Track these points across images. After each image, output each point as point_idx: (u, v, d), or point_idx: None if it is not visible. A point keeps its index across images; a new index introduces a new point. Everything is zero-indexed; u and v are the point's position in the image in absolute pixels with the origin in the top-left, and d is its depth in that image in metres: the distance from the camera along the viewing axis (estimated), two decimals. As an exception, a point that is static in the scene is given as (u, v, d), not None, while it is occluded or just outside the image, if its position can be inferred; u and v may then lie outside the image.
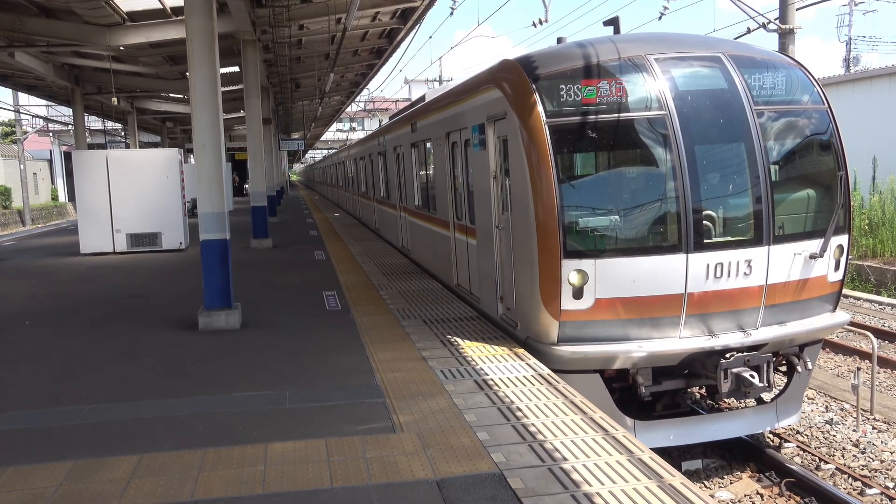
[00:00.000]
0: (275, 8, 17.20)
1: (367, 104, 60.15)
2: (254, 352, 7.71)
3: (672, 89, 6.76)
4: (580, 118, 6.66)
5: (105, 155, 17.45)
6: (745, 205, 6.81)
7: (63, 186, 52.87)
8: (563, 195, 6.57)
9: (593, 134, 6.69)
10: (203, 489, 4.43)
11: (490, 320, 8.46)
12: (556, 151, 6.60)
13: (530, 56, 7.28)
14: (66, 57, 21.72)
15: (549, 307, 6.67)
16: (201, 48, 8.90)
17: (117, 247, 17.19)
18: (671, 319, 6.64)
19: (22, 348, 8.32)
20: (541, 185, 6.63)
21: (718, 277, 6.61)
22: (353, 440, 5.10)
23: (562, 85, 6.70)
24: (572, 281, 6.52)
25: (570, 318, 6.62)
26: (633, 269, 6.53)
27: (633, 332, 6.63)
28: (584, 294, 6.54)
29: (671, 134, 6.63)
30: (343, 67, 28.52)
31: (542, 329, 6.82)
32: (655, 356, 6.62)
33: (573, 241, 6.58)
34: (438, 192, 11.03)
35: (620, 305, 6.58)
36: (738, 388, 6.64)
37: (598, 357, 6.60)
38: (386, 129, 16.95)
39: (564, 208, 6.56)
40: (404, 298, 10.12)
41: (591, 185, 6.99)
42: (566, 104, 6.68)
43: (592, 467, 4.52)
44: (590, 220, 6.70)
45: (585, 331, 6.65)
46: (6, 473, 4.75)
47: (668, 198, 6.65)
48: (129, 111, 31.59)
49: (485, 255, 8.53)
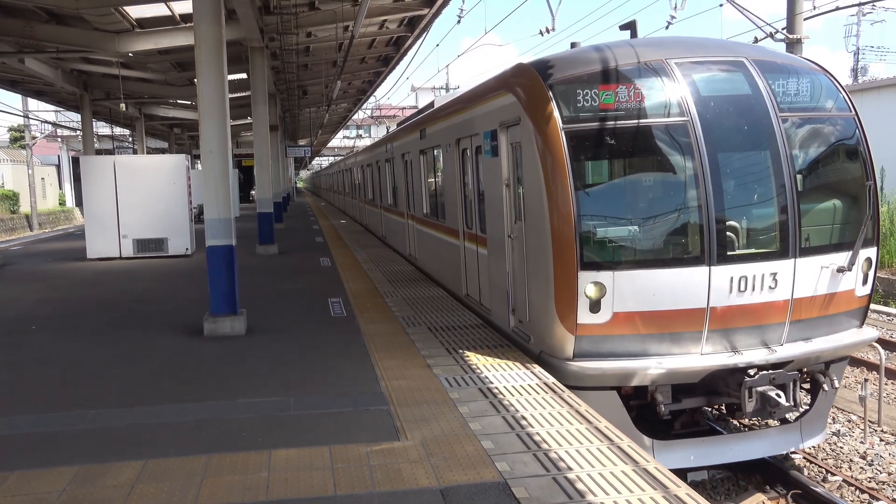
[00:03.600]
0: (283, 15, 17.30)
1: (374, 111, 60.31)
2: (258, 358, 7.71)
3: (694, 95, 6.51)
4: (598, 124, 6.43)
5: (112, 160, 17.53)
6: (770, 215, 6.54)
7: (71, 191, 53.12)
8: (580, 204, 6.32)
9: (611, 140, 6.46)
10: (207, 495, 4.42)
11: (501, 333, 8.20)
12: (572, 158, 6.35)
13: (545, 60, 7.03)
14: (75, 63, 21.86)
15: (564, 321, 6.41)
16: (209, 55, 8.94)
17: (124, 252, 17.25)
18: (692, 335, 6.37)
19: (28, 352, 8.33)
20: (556, 193, 6.39)
21: (742, 291, 6.34)
22: (358, 447, 5.09)
23: (578, 90, 6.46)
24: (589, 294, 6.26)
25: (587, 332, 6.36)
26: (653, 282, 6.27)
27: (653, 348, 6.37)
28: (601, 307, 6.28)
29: (693, 141, 6.39)
30: (350, 75, 28.62)
31: (557, 343, 6.57)
32: (676, 373, 6.33)
33: (590, 252, 6.32)
34: (448, 200, 10.81)
35: (639, 320, 6.32)
36: (764, 407, 6.35)
37: (616, 373, 6.33)
38: (394, 135, 16.77)
39: (581, 217, 6.30)
40: (410, 306, 10.11)
41: (609, 193, 6.71)
42: (583, 110, 6.44)
43: (597, 477, 4.49)
44: (608, 231, 6.44)
45: (602, 346, 6.39)
46: (11, 478, 4.75)
47: (689, 207, 6.40)
48: (137, 117, 31.75)
49: (496, 266, 8.29)
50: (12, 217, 39.35)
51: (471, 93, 9.59)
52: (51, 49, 17.77)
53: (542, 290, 6.70)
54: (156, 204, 17.16)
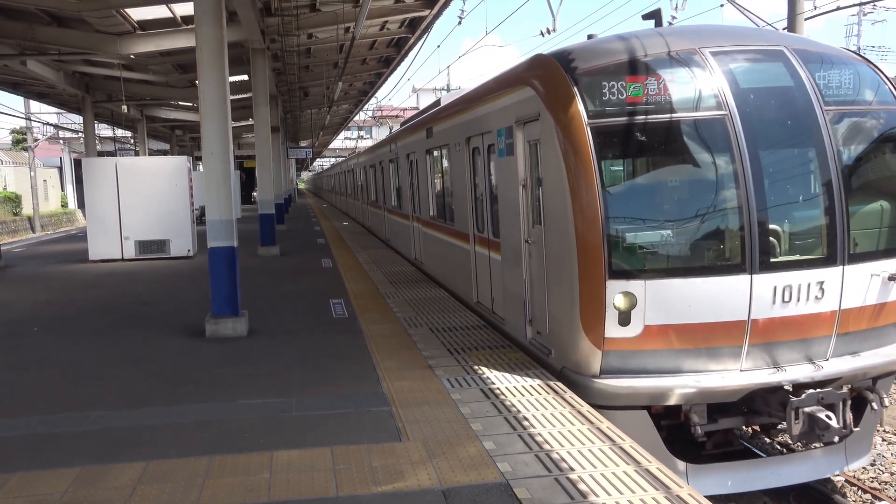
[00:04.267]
0: (284, 17, 17.31)
1: (376, 112, 60.34)
2: (260, 359, 7.71)
3: (732, 86, 6.00)
4: (626, 119, 5.93)
5: (114, 162, 17.56)
6: (815, 218, 6.03)
7: (73, 193, 53.18)
8: (608, 206, 5.81)
9: (642, 137, 5.96)
10: (208, 496, 4.43)
11: (517, 344, 7.71)
12: (599, 156, 5.87)
13: (567, 51, 6.52)
14: (76, 65, 21.89)
15: (590, 334, 5.92)
16: (210, 57, 8.95)
17: (126, 254, 17.27)
18: (731, 350, 5.86)
19: (30, 354, 8.34)
20: (582, 194, 5.89)
21: (786, 302, 5.83)
22: (359, 448, 5.09)
23: (604, 82, 5.95)
24: (618, 305, 5.78)
25: (615, 346, 5.87)
26: (688, 292, 5.77)
27: (687, 364, 5.88)
28: (631, 320, 5.79)
29: (732, 137, 5.88)
30: (351, 76, 28.64)
31: (582, 359, 6.07)
32: (714, 392, 5.83)
33: (619, 258, 5.82)
34: (457, 202, 10.31)
35: (673, 333, 5.83)
36: (812, 430, 5.74)
37: (648, 392, 5.84)
38: (398, 135, 16.28)
39: (609, 221, 5.80)
40: (411, 307, 10.11)
41: (640, 194, 6.20)
42: (609, 103, 5.94)
43: (599, 477, 4.49)
44: (638, 235, 5.92)
45: (632, 362, 5.89)
46: (12, 480, 4.76)
47: (729, 210, 5.91)
48: (139, 119, 31.78)
49: (511, 273, 7.79)
50: (14, 219, 39.41)
51: (482, 88, 9.08)
52: (52, 51, 17.80)
53: (565, 301, 6.24)
54: (157, 206, 17.18)
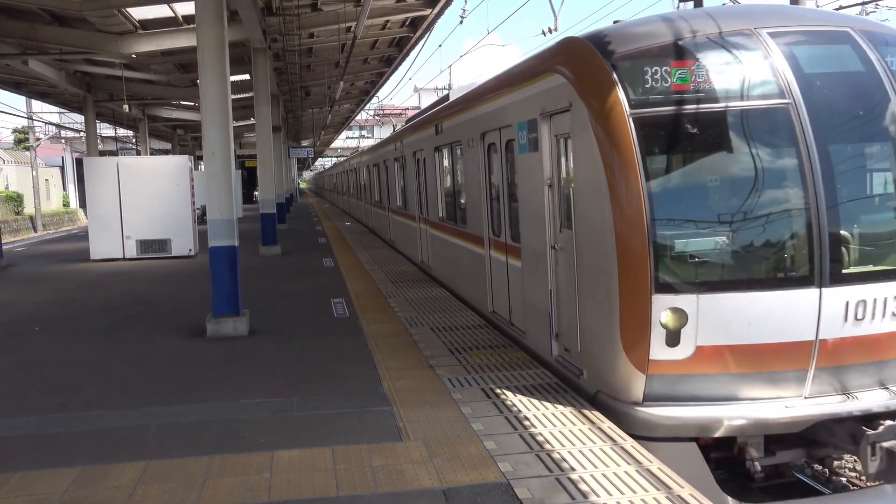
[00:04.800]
0: (285, 16, 17.31)
1: (377, 112, 60.36)
2: (261, 359, 7.71)
3: (795, 72, 5.30)
4: (674, 108, 5.26)
5: (116, 162, 17.59)
6: (893, 223, 5.39)
7: (74, 193, 53.21)
8: (655, 208, 5.13)
9: (693, 129, 5.28)
10: (209, 496, 4.42)
11: (539, 360, 7.04)
12: (643, 151, 5.20)
13: (602, 33, 5.82)
14: (78, 64, 21.92)
15: (632, 355, 5.24)
16: (212, 56, 8.95)
17: (127, 253, 17.29)
18: (795, 374, 5.17)
19: (30, 354, 8.34)
20: (623, 194, 5.22)
21: (860, 319, 5.14)
22: (360, 448, 5.08)
23: (646, 67, 5.27)
24: (666, 323, 5.09)
25: (662, 370, 5.19)
26: (748, 308, 5.09)
27: (744, 390, 5.18)
28: (680, 340, 5.11)
29: (798, 129, 5.20)
30: (353, 75, 28.66)
31: (621, 383, 5.38)
32: (775, 423, 5.14)
33: (667, 269, 5.14)
34: (470, 203, 9.63)
35: (730, 355, 5.15)
36: (891, 467, 5.03)
37: (699, 423, 5.15)
38: (404, 132, 15.53)
39: (656, 225, 5.12)
40: (412, 306, 10.11)
41: (690, 195, 5.45)
42: (653, 91, 5.26)
43: (600, 477, 4.48)
44: (690, 242, 5.23)
45: (680, 387, 5.21)
46: (13, 479, 4.75)
47: (794, 213, 5.21)
48: (141, 118, 31.82)
49: (534, 281, 7.08)
50: (16, 218, 39.43)
51: (500, 79, 8.31)
52: (54, 51, 17.83)
53: (602, 316, 5.55)
54: (159, 205, 17.20)
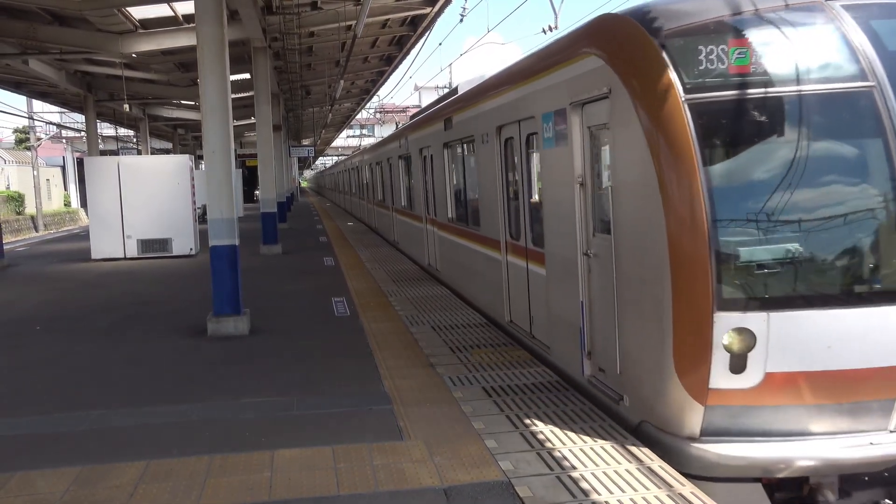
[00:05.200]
0: (285, 15, 17.30)
1: (378, 110, 60.37)
2: (262, 358, 7.70)
3: (878, 50, 4.63)
4: (737, 93, 4.58)
5: (117, 161, 17.61)
6: None
7: (76, 192, 53.24)
8: (717, 209, 4.45)
9: (761, 116, 4.61)
10: (209, 495, 4.41)
11: (567, 380, 6.35)
12: (702, 143, 4.52)
13: (644, 7, 5.11)
14: (78, 64, 21.92)
15: (687, 383, 4.54)
16: (212, 55, 8.94)
17: (128, 252, 17.30)
18: (881, 404, 4.47)
19: (31, 353, 8.34)
20: (679, 193, 4.52)
21: None
22: (361, 447, 5.07)
23: (701, 46, 4.60)
24: (730, 345, 4.41)
25: (723, 400, 4.49)
26: (829, 328, 4.39)
27: (819, 424, 4.50)
28: (747, 365, 4.42)
29: (885, 116, 4.53)
30: (353, 74, 28.65)
31: (674, 414, 4.68)
32: (856, 462, 4.45)
33: (733, 281, 4.44)
34: (484, 204, 8.94)
35: (805, 383, 4.44)
36: None
37: (766, 463, 4.47)
38: (409, 128, 14.81)
39: (718, 229, 4.43)
40: (413, 305, 10.10)
41: (758, 194, 4.62)
42: (710, 73, 4.60)
43: (601, 475, 4.47)
44: (759, 250, 4.50)
45: (745, 420, 4.53)
46: (13, 479, 4.75)
47: (881, 214, 4.52)
48: (141, 118, 31.82)
49: (561, 291, 6.41)
50: (17, 218, 39.44)
51: (520, 66, 7.57)
52: (54, 50, 17.82)
53: (649, 335, 4.86)
54: (160, 204, 17.21)
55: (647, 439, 4.92)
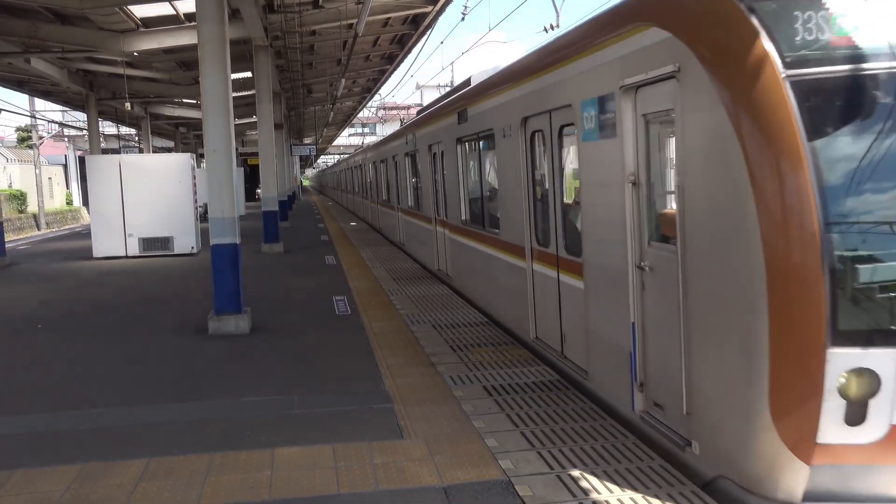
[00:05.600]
0: (287, 14, 17.30)
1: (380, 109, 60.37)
2: (263, 356, 7.71)
3: None
4: (850, 67, 3.68)
5: (118, 160, 17.62)
6: None
7: (78, 191, 53.29)
8: (830, 216, 3.60)
9: (886, 98, 3.72)
10: (210, 494, 4.42)
11: (609, 411, 5.53)
12: (810, 130, 3.64)
13: None
14: (80, 63, 21.93)
15: (788, 434, 3.70)
16: (213, 54, 8.95)
17: (129, 251, 17.31)
18: None
19: (33, 352, 8.36)
20: (781, 195, 3.64)
21: None
22: (361, 446, 5.08)
23: (797, 12, 3.70)
24: (846, 389, 3.59)
25: (835, 458, 3.68)
26: None
27: None
28: (867, 415, 3.63)
29: None
30: (355, 73, 28.66)
31: (765, 472, 3.82)
32: None
33: (852, 309, 3.62)
34: (504, 205, 8.13)
35: None
36: None
37: None
38: (417, 123, 13.91)
39: (834, 242, 3.59)
40: (414, 304, 10.10)
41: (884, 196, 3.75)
42: (811, 45, 3.70)
43: (601, 475, 4.47)
44: (882, 268, 3.67)
45: (862, 484, 3.72)
46: (14, 477, 4.76)
47: None
48: (143, 116, 31.85)
49: (605, 308, 5.57)
50: (20, 217, 39.48)
51: (552, 48, 6.62)
52: (56, 49, 17.84)
53: (734, 371, 3.95)
54: (161, 203, 17.22)
55: (724, 499, 4.03)
